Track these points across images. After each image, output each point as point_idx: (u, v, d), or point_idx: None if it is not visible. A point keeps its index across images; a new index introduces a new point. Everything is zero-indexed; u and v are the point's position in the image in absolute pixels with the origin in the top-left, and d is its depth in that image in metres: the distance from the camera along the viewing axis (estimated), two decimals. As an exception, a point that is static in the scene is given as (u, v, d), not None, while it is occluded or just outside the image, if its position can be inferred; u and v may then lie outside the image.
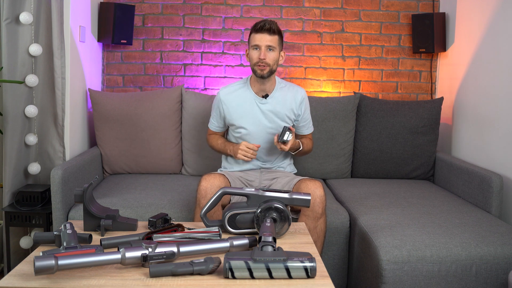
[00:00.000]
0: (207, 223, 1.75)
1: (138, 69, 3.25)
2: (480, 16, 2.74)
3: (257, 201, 1.71)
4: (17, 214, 2.31)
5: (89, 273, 1.37)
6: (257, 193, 1.72)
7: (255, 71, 2.24)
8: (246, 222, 1.70)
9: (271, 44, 2.19)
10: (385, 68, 3.32)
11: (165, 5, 3.22)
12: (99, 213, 1.73)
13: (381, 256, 1.86)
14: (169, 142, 2.85)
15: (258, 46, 2.19)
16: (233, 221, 1.71)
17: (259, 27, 2.18)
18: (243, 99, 2.32)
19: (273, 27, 2.18)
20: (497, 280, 1.89)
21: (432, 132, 2.89)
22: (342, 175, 2.96)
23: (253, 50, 2.21)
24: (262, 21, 2.19)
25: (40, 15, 2.40)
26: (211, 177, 2.09)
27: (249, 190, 1.73)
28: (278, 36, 2.22)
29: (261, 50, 2.18)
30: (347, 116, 2.90)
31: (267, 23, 2.17)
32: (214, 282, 1.34)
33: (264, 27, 2.17)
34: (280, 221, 1.66)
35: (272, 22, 2.19)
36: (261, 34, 2.17)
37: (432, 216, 2.20)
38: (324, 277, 1.39)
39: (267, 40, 2.18)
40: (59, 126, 2.49)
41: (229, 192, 1.77)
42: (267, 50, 2.19)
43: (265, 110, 2.30)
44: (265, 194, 1.71)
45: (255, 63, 2.21)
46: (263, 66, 2.19)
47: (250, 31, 2.24)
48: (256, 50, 2.20)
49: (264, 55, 2.18)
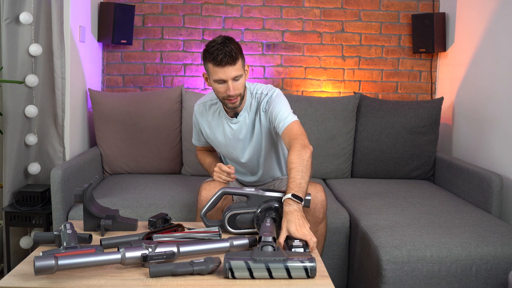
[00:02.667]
0: (207, 223, 1.75)
1: (138, 69, 3.25)
2: (480, 16, 2.74)
3: (257, 201, 1.70)
4: (17, 214, 2.31)
5: (89, 273, 1.37)
6: (257, 193, 1.71)
7: (225, 104, 1.97)
8: (246, 222, 1.70)
9: (237, 73, 1.88)
10: (385, 68, 3.32)
11: (165, 5, 3.22)
12: (99, 213, 1.73)
13: (381, 256, 1.86)
14: (169, 142, 2.85)
15: (223, 81, 1.89)
16: (233, 221, 1.71)
17: (219, 59, 1.83)
18: (215, 119, 2.11)
19: (233, 54, 1.84)
20: (497, 280, 1.89)
21: (432, 132, 2.89)
22: (342, 175, 2.96)
23: (217, 83, 1.91)
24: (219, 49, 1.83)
25: (40, 15, 2.40)
26: (211, 186, 2.00)
27: (249, 190, 1.73)
28: (241, 57, 1.89)
29: (228, 84, 1.88)
30: (347, 116, 2.90)
31: (227, 53, 1.82)
32: (214, 282, 1.34)
33: (224, 59, 1.83)
34: (280, 221, 1.66)
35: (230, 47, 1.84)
36: (223, 68, 1.85)
37: (432, 216, 2.20)
38: (324, 277, 1.39)
39: (232, 72, 1.86)
40: (59, 126, 2.49)
41: (229, 192, 1.76)
42: (233, 82, 1.89)
43: (236, 129, 2.07)
44: (265, 194, 1.71)
45: (223, 97, 1.94)
46: (234, 99, 1.93)
47: (206, 59, 1.89)
48: (221, 84, 1.90)
49: (233, 90, 1.89)
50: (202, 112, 2.15)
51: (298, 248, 1.52)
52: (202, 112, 2.15)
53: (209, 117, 2.13)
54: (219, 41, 1.86)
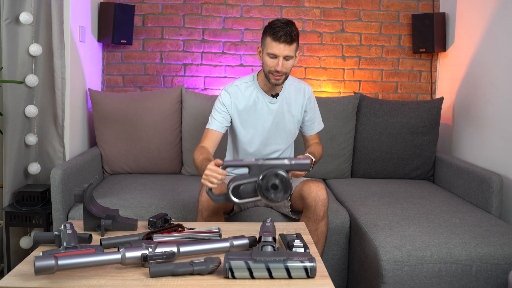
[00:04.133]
0: (213, 197, 1.78)
1: (138, 69, 3.25)
2: (480, 16, 2.74)
3: (258, 170, 1.74)
4: (17, 214, 2.31)
5: (89, 273, 1.37)
6: (257, 162, 1.75)
7: (269, 78, 2.08)
8: (249, 192, 1.74)
9: (290, 54, 2.01)
10: (385, 68, 3.32)
11: (165, 5, 3.22)
12: (99, 213, 1.73)
13: (381, 256, 1.86)
14: (169, 142, 2.85)
15: (275, 56, 2.01)
16: (237, 192, 1.75)
17: (279, 36, 1.97)
18: (251, 99, 2.18)
19: (292, 36, 1.98)
20: (497, 280, 1.89)
21: (432, 132, 2.89)
22: (342, 175, 2.96)
23: (269, 57, 2.03)
24: (281, 27, 1.97)
25: (40, 15, 2.40)
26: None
27: (249, 160, 1.77)
28: (297, 41, 2.03)
29: (278, 60, 2.01)
30: (347, 116, 2.90)
31: (287, 32, 1.96)
32: (214, 282, 1.34)
33: (284, 37, 1.97)
34: (282, 188, 1.69)
35: (292, 28, 1.98)
36: (280, 44, 1.98)
37: (432, 216, 2.20)
38: (324, 277, 1.39)
39: (286, 51, 1.99)
40: (59, 126, 2.49)
41: (230, 164, 1.80)
42: (284, 60, 2.02)
43: (274, 109, 2.19)
44: (265, 163, 1.75)
45: (270, 71, 2.05)
46: (279, 76, 2.05)
47: (266, 33, 2.03)
48: (272, 58, 2.03)
49: (282, 67, 2.01)
50: (237, 92, 2.19)
51: (298, 248, 1.53)
52: (237, 93, 2.19)
53: (246, 97, 2.18)
54: (283, 21, 2.02)
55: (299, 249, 1.52)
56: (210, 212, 2.00)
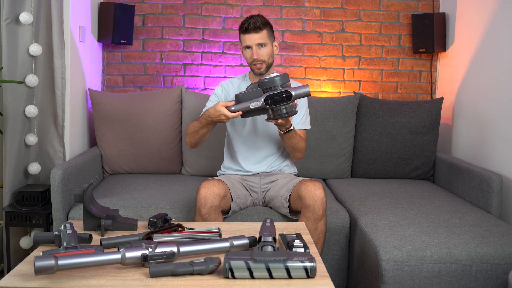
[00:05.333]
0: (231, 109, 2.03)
1: (138, 69, 3.25)
2: (480, 16, 2.74)
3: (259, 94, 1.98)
4: (17, 214, 2.31)
5: (89, 273, 1.37)
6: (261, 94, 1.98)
7: (253, 70, 2.27)
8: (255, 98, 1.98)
9: (261, 41, 2.18)
10: (385, 68, 3.32)
11: (165, 5, 3.22)
12: (99, 213, 1.73)
13: (381, 256, 1.86)
14: (169, 142, 2.85)
15: (248, 46, 2.20)
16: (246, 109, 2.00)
17: (244, 28, 2.18)
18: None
19: (258, 24, 2.17)
20: (497, 280, 1.89)
21: (432, 132, 2.89)
22: (342, 175, 2.96)
23: (245, 50, 2.23)
24: (246, 20, 2.19)
25: (40, 15, 2.40)
26: (210, 184, 2.04)
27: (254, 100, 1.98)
28: (266, 29, 2.20)
29: (252, 49, 2.19)
30: (347, 116, 2.90)
31: (251, 22, 2.17)
32: (214, 282, 1.34)
33: (249, 27, 2.16)
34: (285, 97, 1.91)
35: (256, 19, 2.18)
36: (249, 35, 2.18)
37: (432, 216, 2.20)
38: (324, 277, 1.39)
39: (256, 39, 2.18)
40: (59, 126, 2.49)
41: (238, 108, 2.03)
42: (258, 48, 2.20)
43: None
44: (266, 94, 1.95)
45: (250, 62, 2.24)
46: (259, 64, 2.22)
47: (239, 32, 2.23)
48: (248, 50, 2.22)
49: (257, 54, 2.19)
50: (229, 86, 2.38)
51: (298, 248, 1.53)
52: (229, 86, 2.38)
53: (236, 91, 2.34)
54: (250, 16, 2.22)
55: (299, 249, 1.52)
56: (208, 209, 2.00)
